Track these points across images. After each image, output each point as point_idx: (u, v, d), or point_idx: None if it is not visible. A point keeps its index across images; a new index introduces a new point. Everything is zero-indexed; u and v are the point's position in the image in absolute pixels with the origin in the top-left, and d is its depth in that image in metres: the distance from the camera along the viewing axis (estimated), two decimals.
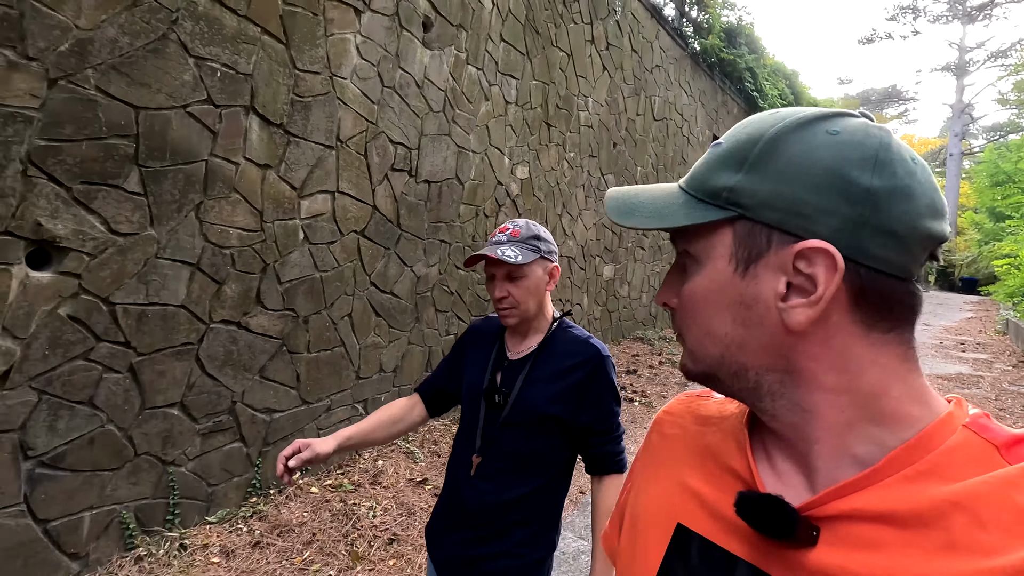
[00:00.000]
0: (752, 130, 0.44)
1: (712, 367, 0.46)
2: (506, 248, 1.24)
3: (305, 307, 3.04)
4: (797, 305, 0.41)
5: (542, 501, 1.27)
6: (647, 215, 0.47)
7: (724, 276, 0.44)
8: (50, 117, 2.00)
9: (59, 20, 2.00)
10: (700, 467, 0.52)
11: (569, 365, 1.26)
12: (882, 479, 0.39)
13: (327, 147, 3.08)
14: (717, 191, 0.44)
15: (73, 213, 2.08)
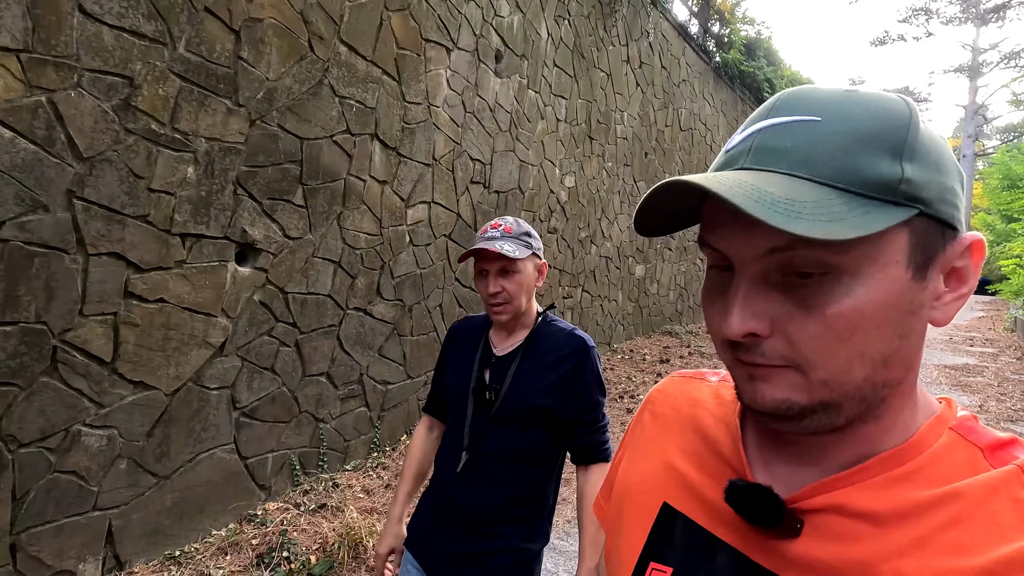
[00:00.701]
0: (874, 108, 0.37)
1: (845, 394, 0.38)
2: (502, 243, 1.24)
3: (410, 298, 3.65)
4: (949, 300, 0.39)
5: (536, 493, 1.28)
6: (814, 215, 0.34)
7: (901, 285, 0.37)
8: (250, 149, 2.63)
9: (257, 75, 2.63)
10: (690, 449, 0.52)
11: (556, 358, 1.26)
12: (869, 478, 0.39)
13: (426, 165, 3.70)
14: (889, 184, 0.35)
15: (263, 222, 2.71)
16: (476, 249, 1.26)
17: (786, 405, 0.39)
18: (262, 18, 2.61)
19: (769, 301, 0.38)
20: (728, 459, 0.48)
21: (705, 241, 0.42)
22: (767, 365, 0.39)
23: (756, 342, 0.39)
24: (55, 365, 2.03)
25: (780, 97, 0.41)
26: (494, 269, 1.26)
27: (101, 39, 2.08)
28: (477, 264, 1.30)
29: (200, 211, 2.44)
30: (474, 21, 4.03)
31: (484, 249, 1.24)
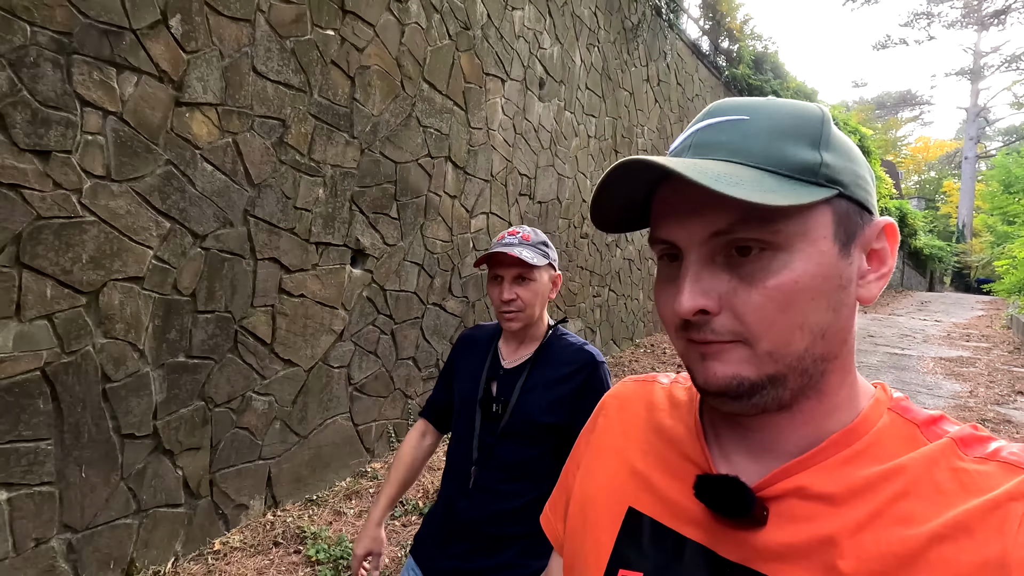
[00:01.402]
0: (793, 107, 0.43)
1: (789, 366, 0.41)
2: (520, 249, 1.23)
3: (473, 295, 4.24)
4: (872, 279, 0.43)
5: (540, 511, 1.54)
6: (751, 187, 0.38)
7: (830, 258, 0.40)
8: (361, 172, 3.22)
9: (366, 112, 3.22)
10: (651, 452, 0.53)
11: (565, 372, 1.25)
12: (823, 460, 0.42)
13: (485, 181, 4.29)
14: (811, 167, 0.40)
15: (370, 232, 3.30)
16: (493, 253, 1.23)
17: (736, 381, 0.41)
18: (369, 65, 3.21)
19: (716, 279, 0.41)
20: (691, 457, 0.49)
21: (654, 236, 0.45)
22: (717, 342, 0.41)
23: (706, 320, 0.41)
24: (236, 344, 2.63)
25: (712, 105, 0.46)
26: (510, 276, 1.24)
27: (266, 91, 2.68)
28: (492, 269, 1.28)
29: (328, 224, 3.03)
30: (523, 55, 4.63)
31: (502, 253, 1.22)
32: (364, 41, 3.17)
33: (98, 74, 2.07)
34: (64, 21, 1.97)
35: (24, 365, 1.94)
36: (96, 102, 2.07)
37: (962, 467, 0.39)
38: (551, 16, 4.98)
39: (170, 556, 2.40)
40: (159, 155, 2.28)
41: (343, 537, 2.64)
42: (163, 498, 2.38)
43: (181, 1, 2.31)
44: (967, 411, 4.87)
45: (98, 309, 2.13)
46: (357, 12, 3.10)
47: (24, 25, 1.87)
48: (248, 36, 2.57)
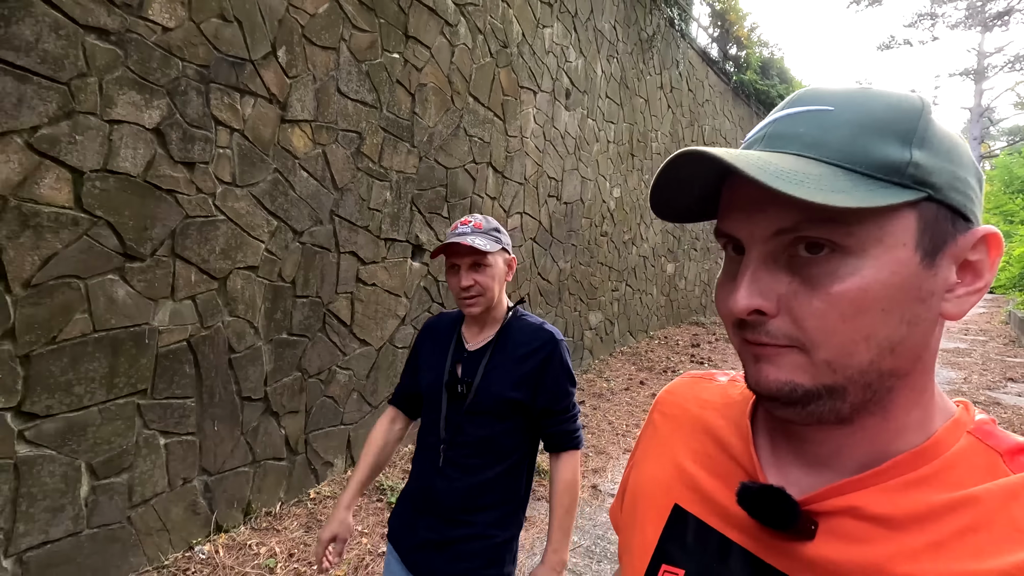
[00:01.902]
0: (887, 100, 0.39)
1: (850, 378, 0.38)
2: (473, 237, 1.27)
3: (509, 287, 4.69)
4: (963, 294, 0.38)
5: (509, 483, 1.31)
6: (816, 186, 0.35)
7: (909, 267, 0.37)
8: (419, 177, 3.67)
9: (423, 124, 3.67)
10: (700, 451, 0.52)
11: (526, 351, 1.30)
12: (884, 481, 0.39)
13: (520, 184, 4.74)
14: (896, 166, 0.36)
15: (427, 229, 3.75)
16: (448, 244, 1.28)
17: (789, 387, 0.39)
18: (426, 83, 3.66)
19: (776, 280, 0.39)
20: (739, 460, 0.48)
21: (719, 229, 0.43)
22: (772, 344, 0.39)
23: (762, 320, 0.39)
24: (324, 325, 3.08)
25: (796, 93, 0.42)
26: (466, 263, 1.29)
27: (347, 108, 3.12)
28: (448, 259, 1.33)
29: (394, 222, 3.48)
30: (552, 68, 5.07)
31: (456, 243, 1.26)
32: (422, 62, 3.61)
33: (227, 98, 2.52)
34: (204, 56, 2.42)
35: (176, 336, 2.40)
36: (226, 121, 2.52)
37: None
38: (576, 32, 5.42)
39: (277, 501, 2.85)
40: (269, 164, 2.73)
41: None
42: (271, 452, 2.83)
43: (286, 34, 2.76)
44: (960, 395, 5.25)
45: (226, 292, 2.58)
46: (417, 37, 3.55)
47: (177, 61, 2.33)
48: (334, 62, 3.02)
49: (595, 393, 5.14)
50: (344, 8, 3.05)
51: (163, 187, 2.31)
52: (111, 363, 2.19)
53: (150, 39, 2.23)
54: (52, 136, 1.97)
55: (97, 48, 2.07)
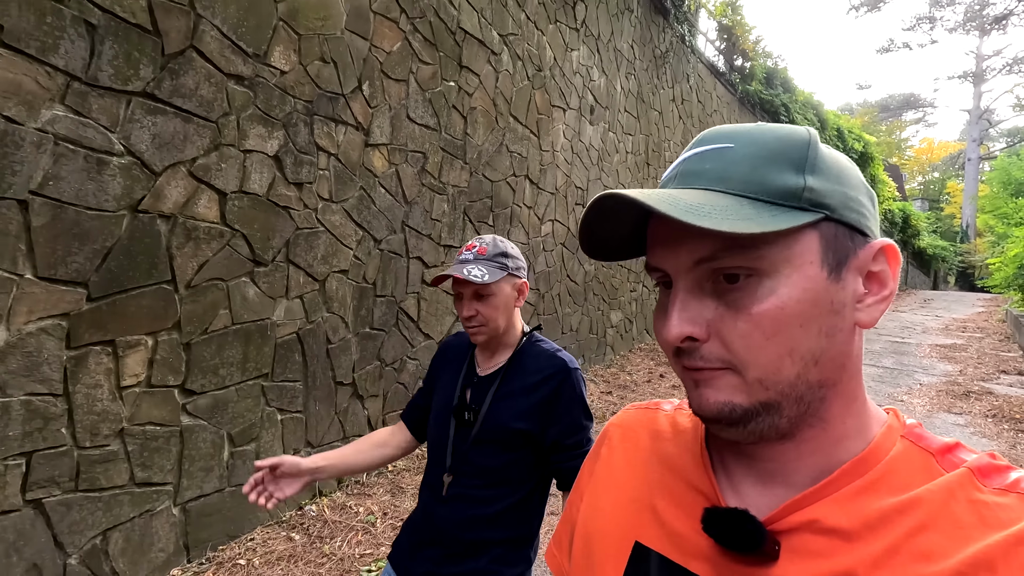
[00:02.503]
0: (780, 132, 0.43)
1: (781, 393, 0.41)
2: (472, 267, 1.23)
3: (543, 287, 5.14)
4: (872, 303, 0.41)
5: (516, 517, 1.25)
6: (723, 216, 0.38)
7: (818, 284, 0.40)
8: (470, 190, 4.13)
9: (474, 143, 4.13)
10: (657, 483, 0.51)
11: (537, 380, 1.24)
12: (835, 491, 0.41)
13: (551, 194, 5.19)
14: (793, 192, 0.40)
15: (466, 235, 4.20)
16: (447, 275, 1.24)
17: (729, 408, 0.41)
18: (475, 106, 4.12)
19: (703, 307, 0.41)
20: (699, 487, 0.48)
21: (648, 263, 0.45)
22: (708, 368, 0.42)
23: (695, 346, 0.42)
24: (397, 321, 3.53)
25: (702, 134, 0.46)
26: (468, 293, 1.25)
27: (414, 132, 3.58)
28: (453, 287, 1.29)
29: (450, 231, 3.94)
30: (578, 87, 5.53)
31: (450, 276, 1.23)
32: (472, 88, 4.08)
33: (326, 128, 2.98)
34: (310, 93, 2.88)
35: (288, 329, 2.85)
36: (325, 147, 2.98)
37: (981, 499, 0.38)
38: (599, 53, 5.89)
39: (363, 474, 3.30)
40: (356, 183, 3.19)
41: None
42: (357, 430, 3.28)
43: (368, 71, 3.22)
44: (956, 386, 5.72)
45: (325, 292, 3.04)
46: (469, 66, 4.01)
47: (290, 98, 2.79)
48: (404, 92, 3.48)
49: (620, 385, 5.59)
50: (412, 45, 3.51)
51: (280, 204, 2.76)
52: (244, 351, 2.64)
53: (271, 81, 2.69)
54: (205, 165, 2.43)
55: (236, 91, 2.53)
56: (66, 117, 1.99)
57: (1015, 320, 9.53)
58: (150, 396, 2.31)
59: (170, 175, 2.31)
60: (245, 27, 2.54)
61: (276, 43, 2.69)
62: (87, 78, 2.04)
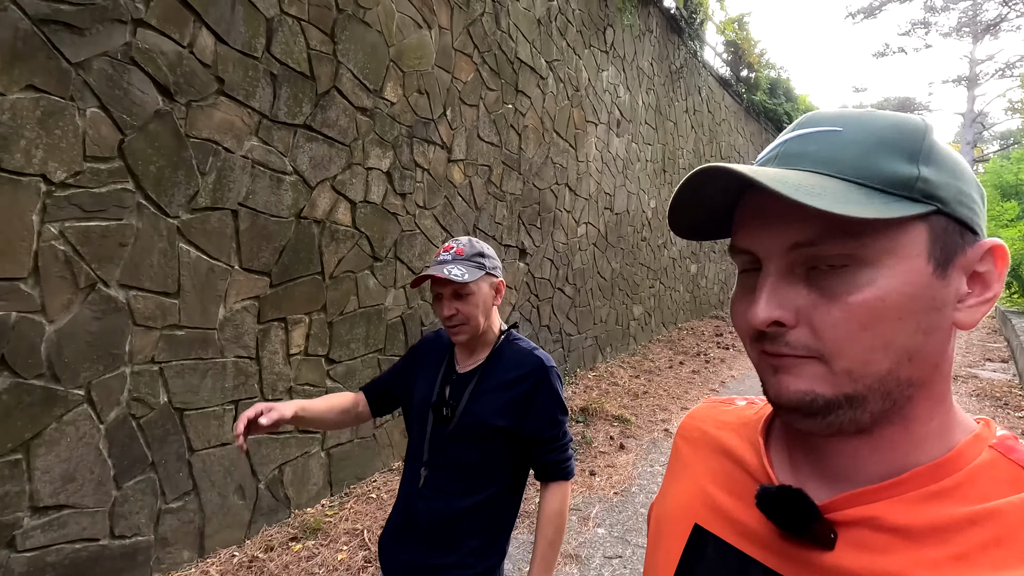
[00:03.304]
0: (892, 120, 0.40)
1: (869, 387, 0.39)
2: (452, 267, 1.25)
3: (580, 282, 5.78)
4: (974, 304, 0.40)
5: (492, 511, 1.28)
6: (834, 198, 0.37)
7: (923, 278, 0.38)
8: (523, 198, 4.76)
9: (527, 156, 4.76)
10: (718, 470, 0.53)
11: (514, 377, 1.27)
12: (904, 492, 0.39)
13: (586, 199, 5.83)
14: (906, 181, 0.38)
15: (528, 238, 4.84)
16: (427, 276, 1.26)
17: (810, 397, 0.40)
18: (528, 124, 4.75)
19: (794, 292, 0.40)
20: (755, 475, 0.49)
21: (734, 246, 0.44)
22: (792, 355, 0.40)
23: (781, 332, 0.40)
24: None
25: (804, 116, 0.44)
26: (447, 292, 1.27)
27: (483, 149, 4.22)
28: (432, 288, 1.31)
29: (508, 232, 4.57)
30: (607, 104, 6.17)
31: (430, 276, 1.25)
32: (525, 108, 4.71)
33: (421, 148, 3.61)
34: (410, 119, 3.51)
35: (395, 313, 3.48)
36: (420, 164, 3.61)
37: None
38: (624, 72, 6.53)
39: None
40: (441, 192, 3.82)
41: None
42: None
43: (450, 99, 3.85)
44: None
45: None
46: (524, 90, 4.65)
47: (398, 124, 3.41)
48: (476, 115, 4.12)
49: (646, 370, 6.23)
50: (482, 75, 4.14)
51: (391, 211, 3.39)
52: (366, 330, 3.27)
53: (384, 111, 3.32)
54: (342, 180, 3.06)
55: (362, 120, 3.16)
56: (259, 146, 2.62)
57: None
58: (307, 363, 2.93)
59: (320, 189, 2.93)
60: (368, 68, 3.17)
61: (388, 80, 3.32)
62: (271, 115, 2.67)
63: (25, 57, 1.87)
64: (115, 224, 2.13)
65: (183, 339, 2.38)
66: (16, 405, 1.91)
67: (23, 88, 1.87)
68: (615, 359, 6.57)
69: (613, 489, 3.37)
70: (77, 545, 2.08)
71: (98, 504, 2.13)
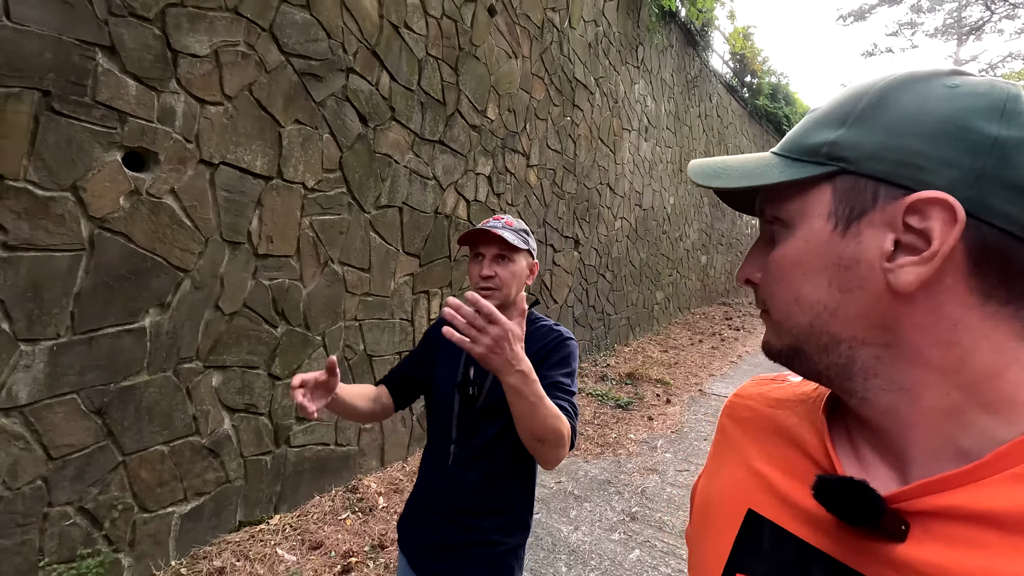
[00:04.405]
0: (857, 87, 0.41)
1: (799, 338, 0.42)
2: (503, 231, 1.26)
3: (616, 269, 6.63)
4: (906, 263, 0.37)
5: (517, 487, 1.30)
6: (737, 176, 0.43)
7: (821, 236, 0.40)
8: (577, 196, 5.59)
9: (580, 161, 5.58)
10: (773, 451, 0.49)
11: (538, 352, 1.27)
12: (988, 475, 0.35)
13: (622, 197, 6.68)
14: (815, 147, 0.41)
15: (579, 230, 5.67)
16: (477, 231, 1.27)
17: (767, 347, 0.45)
18: (580, 134, 5.58)
19: (762, 253, 0.45)
20: (815, 458, 0.45)
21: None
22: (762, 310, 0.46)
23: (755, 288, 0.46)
24: (543, 289, 4.99)
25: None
26: (490, 254, 1.27)
27: (550, 156, 5.04)
28: (473, 248, 1.31)
29: (567, 225, 5.40)
30: (638, 113, 7.01)
31: (484, 231, 1.26)
32: (579, 120, 5.53)
33: (509, 156, 4.43)
34: (503, 133, 4.32)
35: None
36: (510, 169, 4.43)
37: None
38: (651, 83, 7.37)
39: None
40: (522, 192, 4.64)
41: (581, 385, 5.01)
42: None
43: (529, 115, 4.66)
44: None
45: None
46: (578, 105, 5.47)
47: (495, 137, 4.23)
48: (545, 127, 4.93)
49: (672, 346, 7.11)
50: (550, 93, 4.96)
51: (490, 207, 4.21)
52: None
53: (487, 127, 4.13)
54: (461, 183, 3.87)
55: (472, 135, 3.97)
56: (413, 158, 3.43)
57: None
58: None
59: (448, 191, 3.75)
60: (477, 93, 3.98)
61: (489, 101, 4.13)
62: (420, 134, 3.47)
63: (294, 99, 2.67)
64: (337, 218, 2.94)
65: (372, 303, 3.20)
66: (289, 344, 2.72)
67: (293, 122, 2.67)
68: (643, 337, 7.44)
69: (670, 429, 4.22)
70: (318, 447, 2.90)
71: (328, 420, 2.95)
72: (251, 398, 2.58)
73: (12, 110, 1.77)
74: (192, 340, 2.33)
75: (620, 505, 3.07)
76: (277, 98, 2.58)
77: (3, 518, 1.82)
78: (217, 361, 2.43)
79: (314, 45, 2.73)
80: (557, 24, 4.98)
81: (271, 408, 2.68)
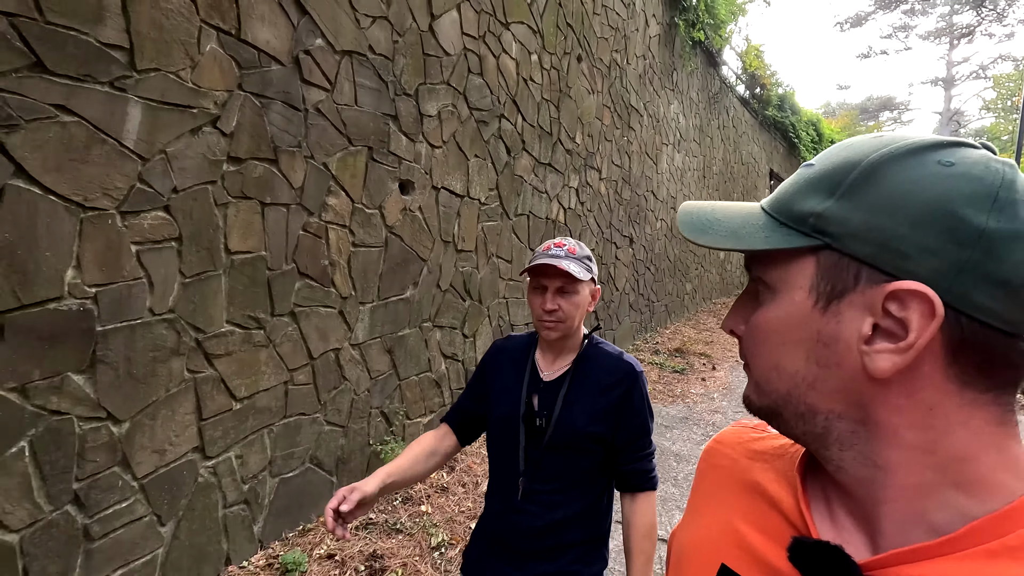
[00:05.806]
0: (851, 153, 0.40)
1: (777, 404, 0.43)
2: (567, 262, 1.23)
3: (658, 263, 7.75)
4: (883, 350, 0.37)
5: (592, 518, 1.29)
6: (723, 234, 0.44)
7: (801, 309, 0.40)
8: (630, 201, 6.71)
9: (633, 172, 6.71)
10: (749, 506, 0.50)
11: (606, 383, 1.26)
12: (961, 549, 0.35)
13: (661, 201, 7.81)
14: (803, 216, 0.40)
15: (633, 231, 6.79)
16: (540, 264, 1.24)
17: (748, 401, 0.45)
18: (634, 150, 6.70)
19: (746, 308, 0.46)
20: (789, 517, 0.45)
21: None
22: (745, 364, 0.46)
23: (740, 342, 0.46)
24: (608, 280, 6.11)
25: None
26: (553, 286, 1.25)
27: (613, 169, 6.16)
28: (535, 278, 1.28)
29: (625, 226, 6.53)
30: (673, 128, 8.14)
31: (548, 265, 1.23)
32: (633, 139, 6.66)
33: (589, 172, 5.54)
34: (584, 153, 5.44)
35: None
36: (590, 183, 5.55)
37: None
38: (682, 103, 8.50)
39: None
40: (596, 200, 5.76)
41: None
42: None
43: (600, 137, 5.78)
44: None
45: None
46: (632, 126, 6.60)
47: (579, 157, 5.34)
48: (610, 147, 6.05)
49: (704, 329, 8.24)
50: (614, 119, 6.08)
51: (577, 213, 5.32)
52: None
53: (575, 150, 5.25)
54: (560, 194, 4.99)
55: (566, 157, 5.09)
56: (534, 177, 4.55)
57: None
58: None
59: (554, 201, 4.87)
60: (570, 124, 5.09)
61: (576, 129, 5.25)
62: (538, 158, 4.59)
63: (475, 140, 3.78)
64: (496, 223, 4.05)
65: (513, 287, 4.31)
66: (472, 314, 3.83)
67: (474, 156, 3.78)
68: (678, 322, 8.58)
69: (721, 386, 5.36)
70: None
71: None
72: (454, 350, 3.69)
73: (357, 161, 2.88)
74: (428, 307, 3.44)
75: (699, 431, 4.20)
76: (466, 140, 3.69)
77: (356, 411, 2.93)
78: (439, 322, 3.54)
79: (484, 100, 3.84)
80: (619, 62, 6.10)
81: (464, 357, 3.80)
